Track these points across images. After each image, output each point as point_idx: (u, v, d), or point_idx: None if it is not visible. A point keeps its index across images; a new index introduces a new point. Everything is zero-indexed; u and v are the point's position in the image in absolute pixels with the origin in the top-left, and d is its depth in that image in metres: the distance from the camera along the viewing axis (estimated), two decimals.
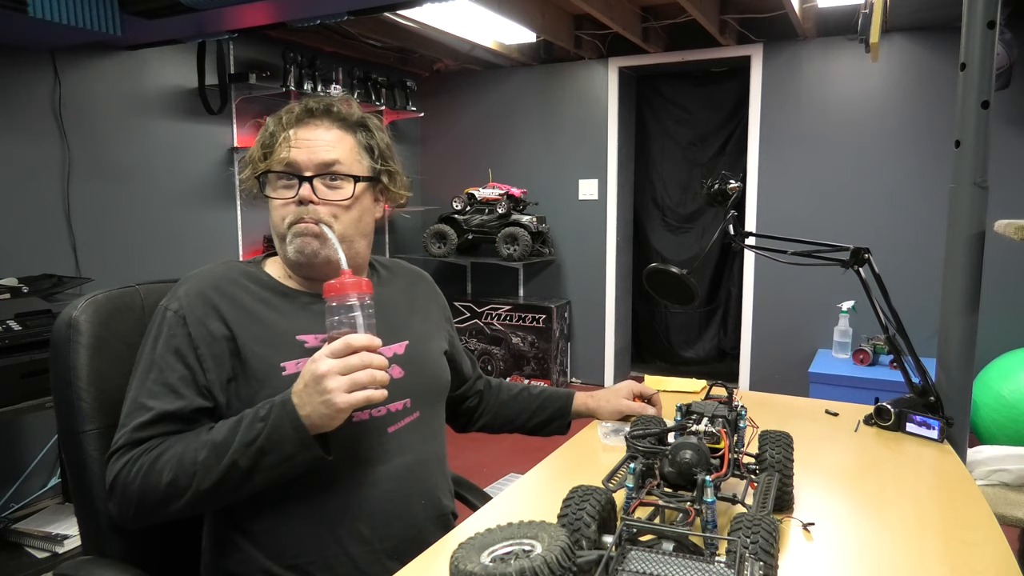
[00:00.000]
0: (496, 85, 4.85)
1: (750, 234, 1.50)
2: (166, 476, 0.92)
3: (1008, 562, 0.85)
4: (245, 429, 0.93)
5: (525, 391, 1.43)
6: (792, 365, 4.14)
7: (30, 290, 2.40)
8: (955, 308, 1.40)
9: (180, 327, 1.01)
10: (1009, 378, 3.09)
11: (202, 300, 1.04)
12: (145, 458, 0.94)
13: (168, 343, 1.01)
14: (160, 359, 1.00)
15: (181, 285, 1.07)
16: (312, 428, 0.91)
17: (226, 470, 0.92)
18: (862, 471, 1.18)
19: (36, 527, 2.43)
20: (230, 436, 0.93)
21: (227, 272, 1.10)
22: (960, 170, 1.38)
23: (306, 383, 0.90)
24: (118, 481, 0.94)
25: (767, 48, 4.11)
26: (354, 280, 0.93)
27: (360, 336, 0.91)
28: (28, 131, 2.80)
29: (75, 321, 1.03)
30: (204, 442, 0.94)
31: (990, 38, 1.33)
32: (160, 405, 0.97)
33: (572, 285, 4.82)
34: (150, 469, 0.93)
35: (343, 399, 0.89)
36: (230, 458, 0.91)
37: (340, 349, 0.90)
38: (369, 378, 0.90)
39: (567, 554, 0.65)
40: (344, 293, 0.92)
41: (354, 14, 2.57)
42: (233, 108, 3.67)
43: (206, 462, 0.92)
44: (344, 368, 0.89)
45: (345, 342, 0.90)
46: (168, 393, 0.98)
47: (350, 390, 0.89)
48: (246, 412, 0.95)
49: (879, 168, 3.92)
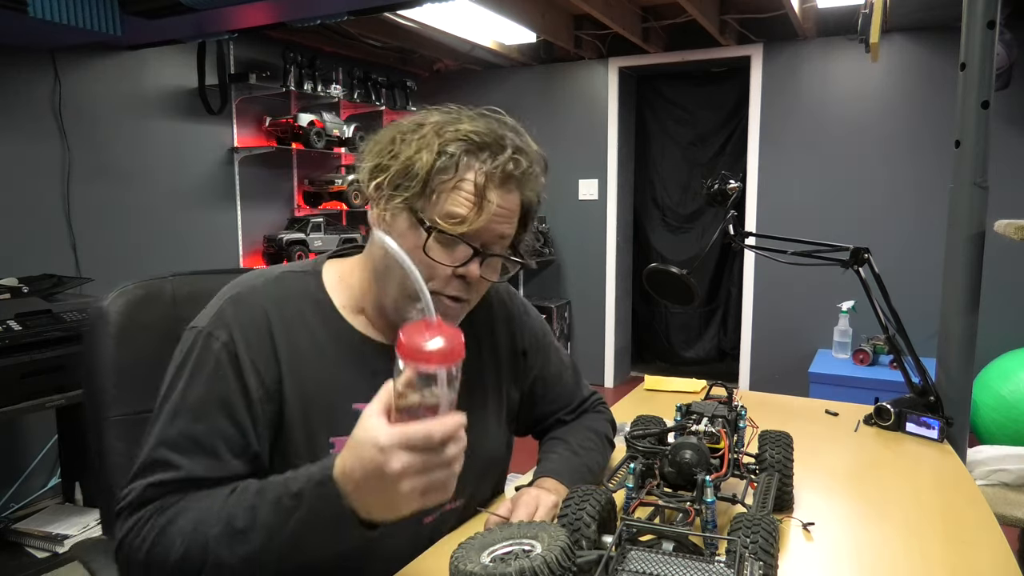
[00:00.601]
0: (496, 85, 4.85)
1: (750, 234, 1.50)
2: (176, 550, 0.74)
3: (1008, 562, 0.85)
4: (271, 511, 0.72)
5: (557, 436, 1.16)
6: (792, 365, 4.14)
7: (30, 290, 2.39)
8: (955, 308, 1.40)
9: (230, 367, 0.82)
10: (1009, 378, 3.09)
11: (258, 331, 0.84)
12: (157, 521, 0.77)
13: (211, 387, 0.81)
14: (198, 405, 0.81)
15: (227, 303, 0.86)
16: (360, 514, 0.70)
17: (245, 559, 0.73)
18: (862, 471, 1.18)
19: (36, 527, 2.43)
20: (250, 518, 0.73)
21: (284, 291, 0.89)
22: (960, 170, 1.38)
23: (367, 473, 0.66)
24: (123, 546, 0.78)
25: (767, 48, 4.11)
26: (444, 345, 0.62)
27: (446, 424, 0.65)
28: (28, 131, 2.80)
29: (105, 311, 1.03)
30: (220, 514, 0.74)
31: (990, 38, 1.33)
32: (189, 467, 0.79)
33: (572, 285, 4.82)
34: (160, 537, 0.76)
35: (414, 505, 0.67)
36: (251, 545, 0.72)
37: (420, 443, 0.64)
38: (449, 477, 0.68)
39: (567, 554, 0.65)
40: (428, 364, 0.63)
41: (354, 14, 2.57)
42: (233, 108, 3.67)
43: (219, 540, 0.73)
44: (424, 467, 0.65)
45: (428, 435, 0.64)
46: (201, 453, 0.80)
47: (425, 493, 0.67)
48: (269, 484, 0.75)
49: (879, 168, 3.92)
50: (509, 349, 1.09)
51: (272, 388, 0.84)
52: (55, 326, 2.26)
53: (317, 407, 0.86)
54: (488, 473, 1.05)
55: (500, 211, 0.86)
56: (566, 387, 1.18)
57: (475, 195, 0.84)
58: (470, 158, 0.85)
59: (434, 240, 0.85)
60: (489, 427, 1.04)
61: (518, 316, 1.12)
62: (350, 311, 0.93)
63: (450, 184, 0.84)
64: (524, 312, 1.14)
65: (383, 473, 0.65)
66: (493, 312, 1.08)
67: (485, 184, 0.85)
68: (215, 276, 1.15)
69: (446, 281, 0.87)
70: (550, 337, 1.18)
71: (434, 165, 0.84)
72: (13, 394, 2.15)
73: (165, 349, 1.05)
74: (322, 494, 0.69)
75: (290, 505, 0.71)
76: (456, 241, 0.85)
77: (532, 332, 1.14)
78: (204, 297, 1.11)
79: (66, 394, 2.26)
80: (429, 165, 0.83)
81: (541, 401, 1.15)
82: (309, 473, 0.72)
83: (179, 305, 1.08)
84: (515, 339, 1.10)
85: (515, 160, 0.87)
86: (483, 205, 0.84)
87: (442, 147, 0.84)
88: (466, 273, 0.86)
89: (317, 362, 0.87)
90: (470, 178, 0.85)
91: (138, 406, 1.02)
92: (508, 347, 1.09)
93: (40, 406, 2.22)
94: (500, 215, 0.86)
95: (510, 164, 0.86)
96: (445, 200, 0.84)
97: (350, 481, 0.68)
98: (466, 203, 0.84)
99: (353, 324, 0.92)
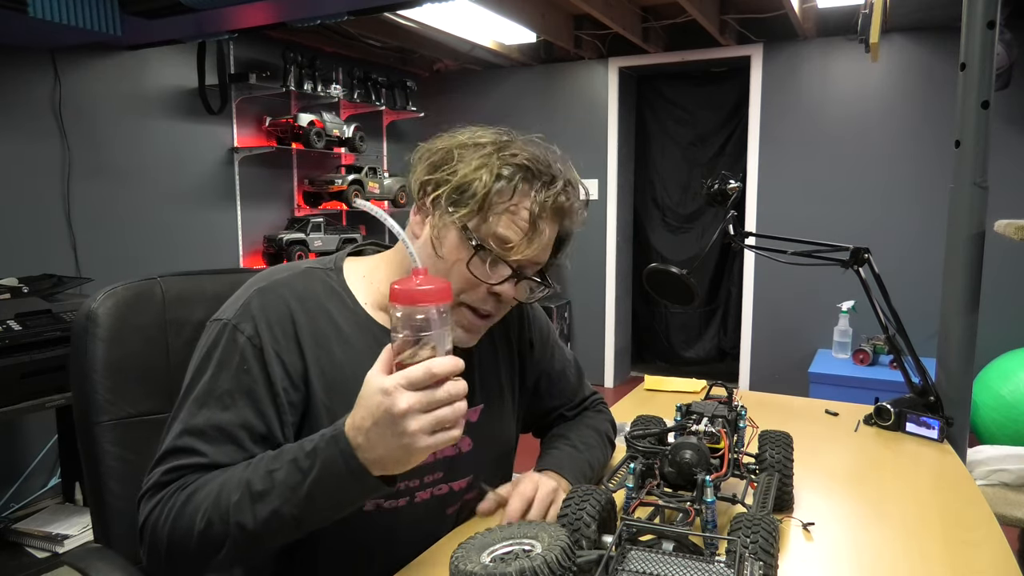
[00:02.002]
0: (496, 85, 4.85)
1: (750, 234, 1.50)
2: (199, 523, 0.76)
3: (1008, 562, 0.85)
4: (287, 470, 0.75)
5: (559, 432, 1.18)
6: (792, 365, 4.14)
7: (30, 290, 2.39)
8: (955, 308, 1.40)
9: (255, 359, 0.84)
10: (1009, 378, 3.09)
11: (283, 324, 0.87)
12: (178, 496, 0.79)
13: (239, 379, 0.83)
14: (224, 395, 0.83)
15: (254, 295, 0.88)
16: (375, 469, 0.73)
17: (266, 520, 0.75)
18: (862, 471, 1.18)
19: (36, 527, 2.43)
20: (267, 480, 0.76)
21: (310, 285, 0.92)
22: (960, 170, 1.38)
23: (376, 420, 0.70)
24: (146, 526, 0.80)
25: (767, 48, 4.11)
26: (433, 286, 0.69)
27: (444, 361, 0.70)
28: (28, 131, 2.80)
29: (94, 313, 1.01)
30: (239, 481, 0.77)
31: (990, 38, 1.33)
32: (213, 454, 0.81)
33: (572, 285, 4.82)
34: (182, 509, 0.77)
35: (425, 443, 0.70)
36: (271, 505, 0.75)
37: (421, 379, 0.69)
38: (455, 415, 0.71)
39: (567, 554, 0.65)
40: (418, 304, 0.69)
41: (354, 14, 2.57)
42: (233, 108, 3.67)
43: (239, 506, 0.75)
44: (428, 404, 0.69)
45: (428, 370, 0.69)
46: (226, 441, 0.82)
47: (434, 431, 0.71)
48: (286, 448, 0.78)
49: (879, 168, 3.92)
50: (519, 340, 1.12)
51: (297, 378, 0.86)
52: (55, 326, 2.26)
53: (341, 394, 0.87)
54: (502, 462, 1.08)
55: (540, 237, 0.90)
56: (569, 383, 1.20)
57: (528, 223, 0.88)
58: (526, 185, 0.89)
59: (478, 258, 0.88)
60: (504, 415, 1.06)
61: (527, 308, 1.14)
62: (373, 307, 0.95)
63: (504, 207, 0.88)
64: (531, 305, 1.16)
65: (391, 416, 0.68)
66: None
67: (539, 214, 0.88)
68: (204, 277, 1.14)
69: (481, 297, 0.90)
70: (555, 333, 1.21)
71: (492, 187, 0.87)
72: (13, 394, 2.15)
73: (157, 351, 1.05)
74: (334, 448, 0.73)
75: (306, 464, 0.74)
76: (498, 261, 0.89)
77: (539, 325, 1.16)
78: (194, 298, 1.10)
79: (66, 394, 2.26)
80: (488, 186, 0.86)
81: (545, 396, 1.17)
82: (322, 433, 0.75)
83: (169, 306, 1.06)
84: (524, 330, 1.13)
85: (567, 193, 0.91)
86: (534, 235, 0.88)
87: (501, 169, 0.88)
88: (501, 292, 0.90)
89: (341, 351, 0.89)
90: (525, 205, 0.88)
91: (131, 410, 1.00)
92: (519, 338, 1.12)
93: (40, 406, 2.22)
94: (543, 243, 0.91)
95: (562, 196, 0.90)
96: (497, 223, 0.88)
97: (360, 433, 0.71)
98: (519, 230, 0.88)
99: (375, 318, 0.95)
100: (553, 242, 0.94)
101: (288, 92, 3.78)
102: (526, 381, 1.13)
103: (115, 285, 1.04)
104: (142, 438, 1.01)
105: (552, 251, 0.96)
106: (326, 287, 0.93)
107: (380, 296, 0.96)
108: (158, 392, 1.04)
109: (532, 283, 0.94)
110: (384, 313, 0.95)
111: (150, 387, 1.04)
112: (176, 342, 1.07)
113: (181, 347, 1.06)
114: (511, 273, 0.89)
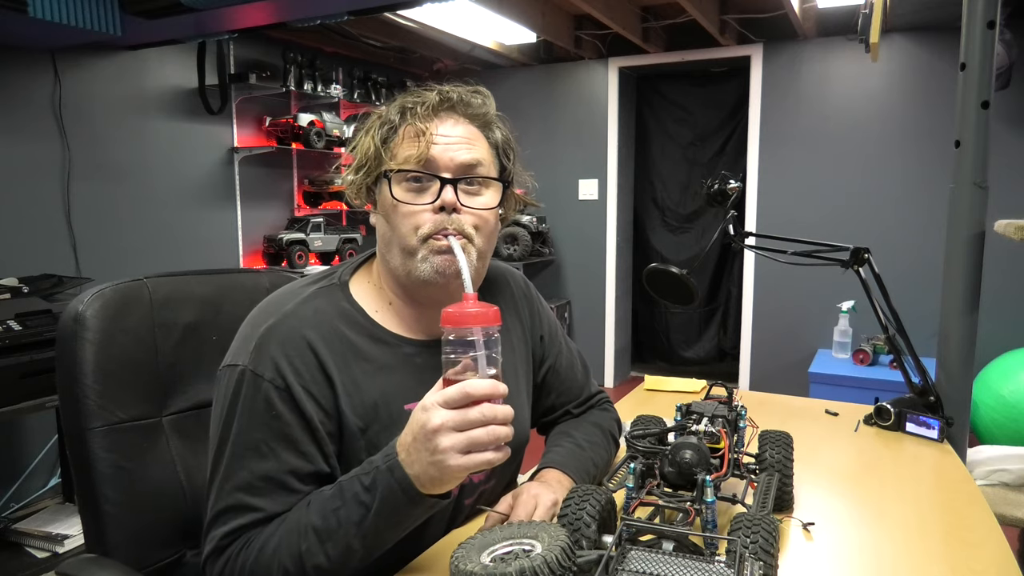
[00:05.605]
0: (496, 85, 4.85)
1: (750, 234, 1.50)
2: (276, 572, 0.77)
3: (1008, 562, 0.85)
4: (350, 506, 0.77)
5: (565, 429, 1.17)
6: (792, 365, 4.14)
7: (30, 290, 2.39)
8: (955, 308, 1.40)
9: (283, 402, 0.83)
10: (1009, 378, 3.09)
11: (304, 358, 0.85)
12: (246, 555, 0.79)
13: (270, 426, 0.82)
14: (260, 444, 0.82)
15: (266, 334, 0.85)
16: (420, 487, 0.75)
17: (340, 555, 0.77)
18: (862, 471, 1.18)
19: (36, 527, 2.43)
20: (332, 519, 0.77)
21: (319, 308, 0.90)
22: (960, 170, 1.38)
23: (415, 435, 0.73)
24: None
25: (767, 48, 4.11)
26: (480, 309, 0.73)
27: (481, 383, 0.72)
28: (28, 131, 2.80)
29: (81, 316, 0.98)
30: (305, 527, 0.78)
31: (990, 38, 1.33)
32: (268, 506, 0.81)
33: (572, 285, 4.82)
34: (254, 569, 0.78)
35: (457, 462, 0.71)
36: (342, 543, 0.77)
37: (456, 398, 0.71)
38: (490, 437, 0.72)
39: (567, 554, 0.65)
40: (460, 326, 0.72)
41: (354, 14, 2.57)
42: (233, 108, 3.66)
43: (311, 551, 0.77)
44: (461, 423, 0.71)
45: (463, 390, 0.71)
46: (276, 489, 0.82)
47: (466, 451, 0.71)
48: (343, 483, 0.79)
49: (879, 168, 3.92)
50: (532, 333, 1.13)
51: (330, 407, 0.86)
52: (55, 326, 2.23)
53: (372, 414, 0.88)
54: (516, 455, 1.08)
55: (445, 138, 0.90)
56: (576, 380, 1.20)
57: (415, 134, 0.89)
58: (396, 108, 0.92)
59: (402, 189, 0.89)
60: (522, 407, 1.07)
61: (537, 301, 1.16)
62: (382, 313, 0.95)
63: (397, 141, 0.91)
64: (540, 300, 1.18)
65: (425, 432, 0.72)
66: (515, 297, 1.12)
67: (421, 123, 0.89)
68: (191, 277, 1.12)
69: (433, 222, 0.88)
70: (562, 330, 1.21)
71: (378, 134, 0.91)
72: (13, 394, 2.15)
73: (146, 354, 1.02)
74: (390, 479, 0.75)
75: (367, 499, 0.76)
76: (421, 180, 0.89)
77: (548, 320, 1.17)
78: (182, 299, 1.08)
79: None
80: (378, 141, 0.91)
81: (552, 391, 1.17)
82: (376, 465, 0.77)
83: (157, 308, 1.04)
84: (535, 324, 1.14)
85: (441, 92, 0.92)
86: (423, 136, 0.88)
87: (383, 123, 0.92)
88: (443, 202, 0.88)
89: (361, 370, 0.89)
90: (392, 116, 0.91)
91: (122, 415, 0.98)
92: (531, 331, 1.13)
93: (40, 406, 2.21)
94: (448, 142, 0.90)
95: (436, 97, 0.92)
96: (397, 151, 0.90)
97: (404, 448, 0.75)
98: (411, 145, 0.89)
99: (388, 327, 0.94)
100: (477, 143, 0.93)
101: (288, 92, 3.78)
102: (537, 377, 1.14)
103: (103, 286, 1.02)
104: (135, 444, 0.99)
105: (498, 157, 0.96)
106: (336, 308, 0.92)
107: (383, 293, 0.96)
108: (148, 397, 1.02)
109: (479, 186, 0.92)
110: (392, 311, 0.96)
111: (140, 391, 1.02)
112: (165, 345, 1.05)
113: (170, 350, 1.05)
114: (440, 183, 0.88)
